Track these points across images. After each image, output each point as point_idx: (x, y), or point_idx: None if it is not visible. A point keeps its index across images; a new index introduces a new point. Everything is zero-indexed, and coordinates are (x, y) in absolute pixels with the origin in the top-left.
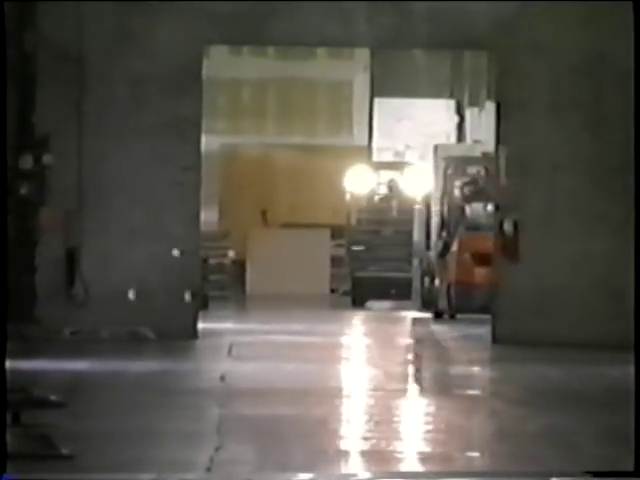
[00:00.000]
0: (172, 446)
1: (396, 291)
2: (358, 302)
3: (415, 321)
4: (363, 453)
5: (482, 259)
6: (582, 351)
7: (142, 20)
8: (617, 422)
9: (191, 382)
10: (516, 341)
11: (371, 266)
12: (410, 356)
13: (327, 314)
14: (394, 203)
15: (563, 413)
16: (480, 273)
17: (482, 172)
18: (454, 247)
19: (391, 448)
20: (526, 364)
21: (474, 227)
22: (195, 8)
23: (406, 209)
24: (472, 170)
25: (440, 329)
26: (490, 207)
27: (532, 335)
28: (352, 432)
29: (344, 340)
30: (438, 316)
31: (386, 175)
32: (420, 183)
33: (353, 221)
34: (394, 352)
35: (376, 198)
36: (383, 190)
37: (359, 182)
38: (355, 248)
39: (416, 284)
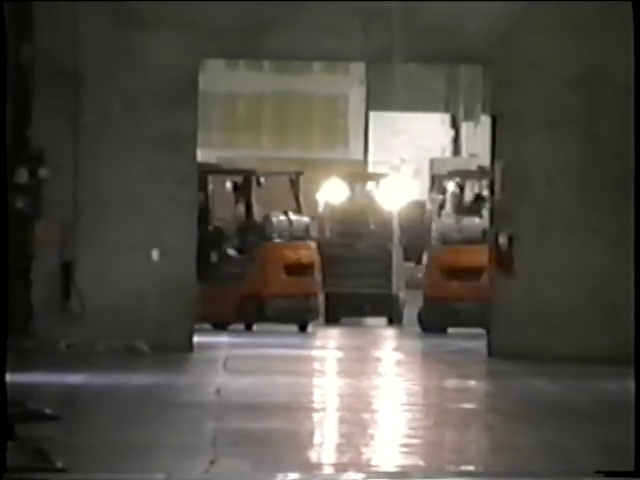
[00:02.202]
0: (167, 459)
1: (371, 307)
2: (331, 318)
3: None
4: (356, 467)
5: (452, 273)
6: (577, 365)
7: (138, 34)
8: (610, 436)
9: (187, 395)
10: (511, 355)
11: (345, 281)
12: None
13: (320, 328)
14: (370, 216)
15: (555, 426)
16: (451, 287)
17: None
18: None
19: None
20: (520, 377)
21: (446, 240)
22: (191, 22)
23: (382, 222)
24: (474, 184)
25: (435, 343)
26: (474, 220)
27: (527, 349)
28: (344, 446)
29: (336, 354)
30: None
31: (364, 187)
32: (397, 195)
33: (328, 234)
34: (385, 366)
35: (351, 211)
36: (359, 202)
37: (333, 195)
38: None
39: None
